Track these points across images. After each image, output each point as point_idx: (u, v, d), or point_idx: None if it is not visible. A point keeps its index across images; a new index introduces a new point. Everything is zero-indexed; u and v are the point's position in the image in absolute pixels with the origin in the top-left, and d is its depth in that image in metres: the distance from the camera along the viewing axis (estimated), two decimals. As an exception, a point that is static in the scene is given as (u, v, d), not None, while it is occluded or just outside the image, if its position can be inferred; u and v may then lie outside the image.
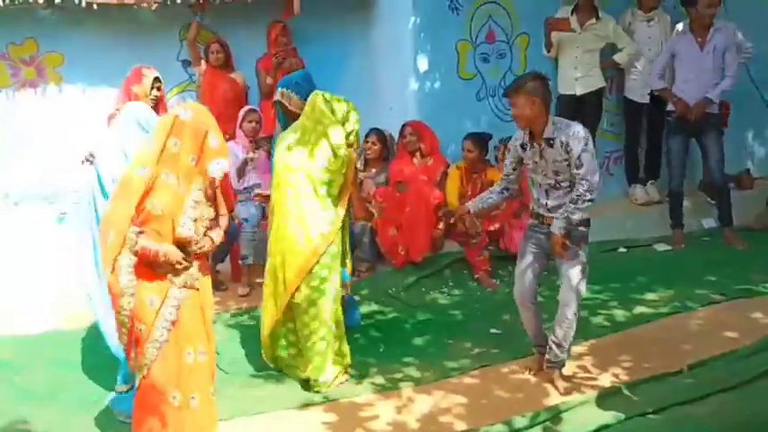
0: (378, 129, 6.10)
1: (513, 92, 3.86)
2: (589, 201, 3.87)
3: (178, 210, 3.08)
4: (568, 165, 3.85)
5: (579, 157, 3.81)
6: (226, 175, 3.27)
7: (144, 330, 3.08)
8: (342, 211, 4.15)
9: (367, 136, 6.07)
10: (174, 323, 3.12)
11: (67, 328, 4.90)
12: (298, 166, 4.09)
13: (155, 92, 4.50)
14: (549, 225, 3.95)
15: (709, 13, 6.12)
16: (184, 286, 3.14)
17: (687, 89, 6.19)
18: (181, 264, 3.11)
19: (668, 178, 6.52)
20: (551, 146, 3.86)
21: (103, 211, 3.24)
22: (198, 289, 3.21)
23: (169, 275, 3.11)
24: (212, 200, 3.25)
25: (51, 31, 6.08)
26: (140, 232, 3.04)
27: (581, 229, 3.94)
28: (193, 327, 3.18)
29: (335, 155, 4.07)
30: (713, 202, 6.74)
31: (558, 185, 3.93)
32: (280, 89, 4.51)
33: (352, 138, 4.15)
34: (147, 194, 3.05)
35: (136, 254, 3.06)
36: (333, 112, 4.10)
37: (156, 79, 4.53)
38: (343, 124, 4.10)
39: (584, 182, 3.82)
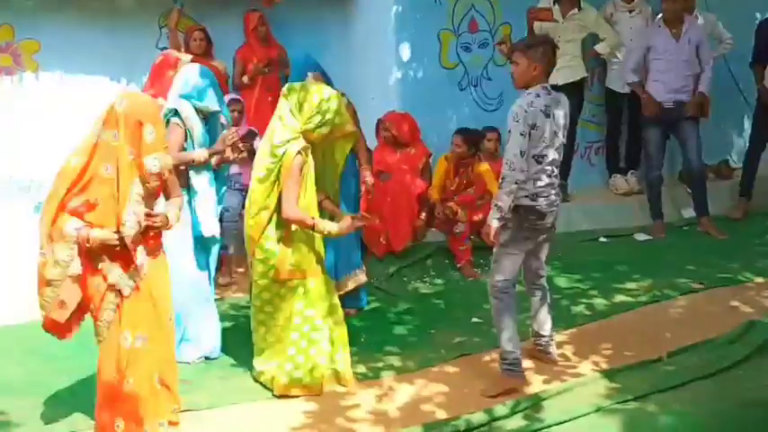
0: None
1: (520, 51, 3.81)
2: (513, 183, 3.71)
3: (121, 203, 3.09)
4: None
5: (509, 131, 3.77)
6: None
7: (94, 309, 3.22)
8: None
9: None
10: (118, 306, 3.21)
11: (45, 319, 4.85)
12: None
13: None
14: None
15: (676, 7, 6.14)
16: (115, 290, 3.18)
17: (665, 80, 6.22)
18: (117, 243, 3.12)
19: (646, 170, 6.55)
20: None
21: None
22: (138, 288, 3.22)
23: (105, 271, 3.16)
24: (158, 193, 3.25)
25: (28, 17, 5.97)
26: (83, 227, 3.11)
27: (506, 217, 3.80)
28: (136, 310, 3.22)
29: (272, 153, 3.81)
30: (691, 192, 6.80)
31: None
32: (311, 73, 4.46)
33: (307, 125, 3.81)
34: (86, 186, 3.10)
35: (79, 245, 3.12)
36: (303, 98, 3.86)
37: None
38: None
39: (504, 161, 3.77)
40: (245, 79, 6.26)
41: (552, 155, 3.83)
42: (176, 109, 4.17)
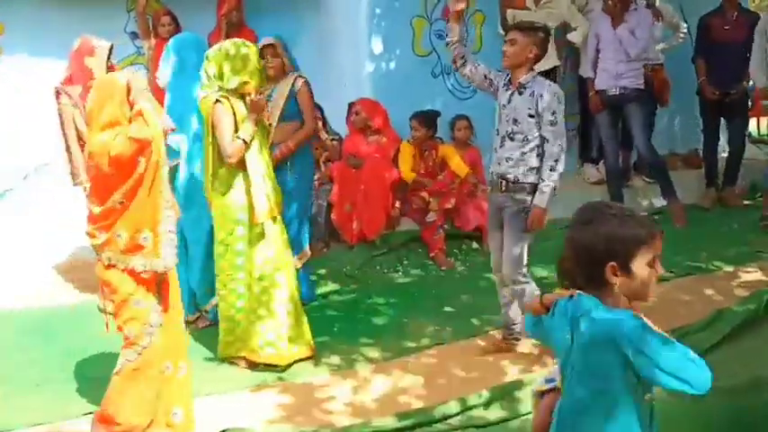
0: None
1: (521, 31, 3.85)
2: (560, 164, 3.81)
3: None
4: (531, 116, 3.81)
5: (554, 113, 3.78)
6: None
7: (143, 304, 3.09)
8: None
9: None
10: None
11: (18, 308, 4.76)
12: None
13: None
14: (504, 187, 3.91)
15: None
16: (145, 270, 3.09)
17: (607, 68, 6.26)
18: None
19: (604, 159, 6.57)
20: (521, 93, 3.85)
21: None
22: None
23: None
24: None
25: (-10, -1, 5.82)
26: None
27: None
28: (176, 289, 3.25)
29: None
30: (649, 180, 6.86)
31: (512, 136, 3.87)
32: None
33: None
34: None
35: None
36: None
37: (111, 50, 4.39)
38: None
39: (559, 143, 3.78)
40: None
41: None
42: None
